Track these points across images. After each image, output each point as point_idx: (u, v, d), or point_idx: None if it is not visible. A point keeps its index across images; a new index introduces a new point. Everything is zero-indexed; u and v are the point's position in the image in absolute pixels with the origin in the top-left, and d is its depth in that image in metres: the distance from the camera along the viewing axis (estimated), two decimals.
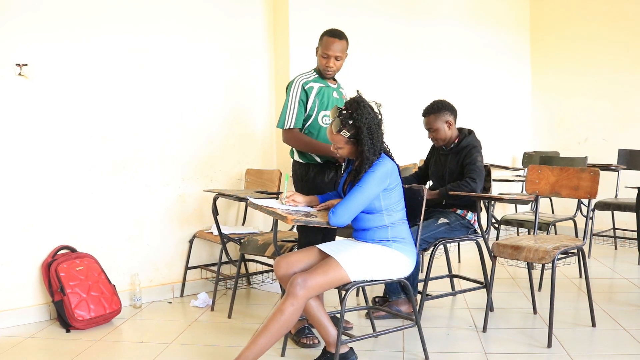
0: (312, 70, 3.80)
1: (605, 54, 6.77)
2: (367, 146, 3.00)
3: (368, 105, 3.06)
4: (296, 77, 3.76)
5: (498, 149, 6.90)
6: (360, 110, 3.01)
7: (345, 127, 3.03)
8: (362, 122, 3.00)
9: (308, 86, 3.70)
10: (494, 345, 3.53)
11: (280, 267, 3.07)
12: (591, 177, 3.83)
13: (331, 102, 3.74)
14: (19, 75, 3.98)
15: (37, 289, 4.11)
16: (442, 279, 4.57)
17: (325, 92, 3.73)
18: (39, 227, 4.10)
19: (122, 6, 4.39)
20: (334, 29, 3.74)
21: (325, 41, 3.69)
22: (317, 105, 3.70)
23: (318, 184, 3.68)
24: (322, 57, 3.70)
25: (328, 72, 3.72)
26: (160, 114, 4.61)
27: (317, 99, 3.70)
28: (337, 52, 3.66)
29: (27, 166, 4.04)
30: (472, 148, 4.03)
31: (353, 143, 3.07)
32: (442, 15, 6.50)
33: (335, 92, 3.80)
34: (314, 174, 3.71)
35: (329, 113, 3.70)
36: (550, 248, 3.50)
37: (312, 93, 3.69)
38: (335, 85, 3.85)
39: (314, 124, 3.72)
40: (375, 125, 3.04)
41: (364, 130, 3.00)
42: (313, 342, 3.54)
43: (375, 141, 3.02)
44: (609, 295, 4.52)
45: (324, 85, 3.75)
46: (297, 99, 3.68)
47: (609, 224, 6.32)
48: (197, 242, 4.80)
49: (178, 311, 4.38)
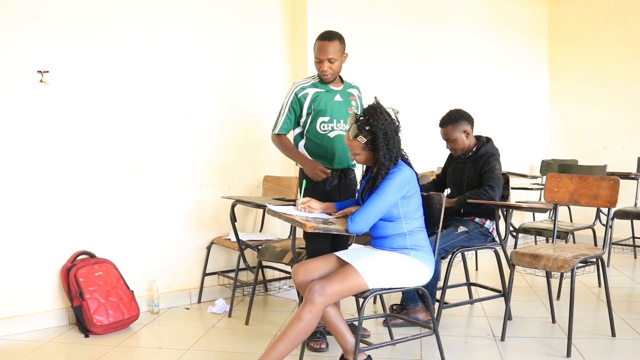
0: (316, 75, 3.74)
1: (624, 61, 6.71)
2: (382, 152, 3.01)
3: (385, 111, 3.07)
4: (294, 83, 3.74)
5: (516, 156, 6.87)
6: (376, 116, 3.02)
7: (361, 133, 3.04)
8: (379, 128, 3.01)
9: (302, 93, 3.66)
10: (512, 354, 3.51)
11: (298, 274, 3.07)
12: (611, 185, 3.81)
13: (330, 108, 3.67)
14: (40, 82, 4.03)
15: (56, 293, 4.15)
16: (460, 287, 4.55)
17: (322, 97, 3.66)
18: (58, 232, 4.14)
19: (139, 14, 4.43)
20: (326, 31, 3.66)
21: (316, 46, 3.61)
22: (314, 112, 3.65)
23: (319, 192, 3.61)
24: (315, 62, 3.64)
25: (325, 77, 3.63)
26: (177, 120, 4.64)
27: (313, 106, 3.65)
28: (329, 55, 3.56)
29: (47, 171, 4.09)
30: (490, 156, 4.02)
31: (370, 149, 3.07)
32: (459, 23, 6.49)
33: (338, 95, 3.71)
34: (314, 182, 3.63)
35: (327, 119, 3.66)
36: (569, 257, 3.47)
37: (307, 100, 3.65)
38: (340, 87, 3.75)
39: (313, 130, 3.68)
40: (391, 131, 3.04)
41: (379, 136, 3.00)
42: (320, 347, 3.56)
43: (391, 147, 3.02)
44: (629, 305, 4.48)
45: (323, 91, 3.67)
46: (287, 106, 3.69)
47: (629, 233, 6.25)
48: (214, 249, 4.82)
49: (195, 317, 4.40)
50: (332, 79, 3.68)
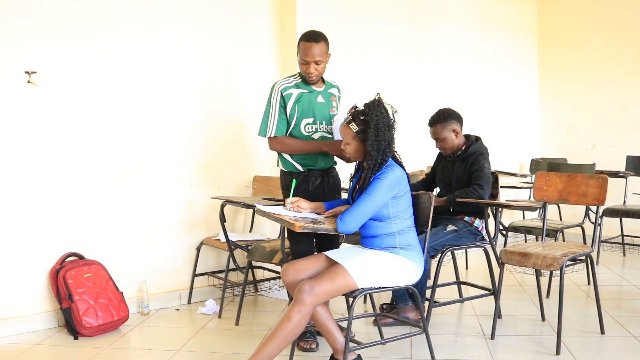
0: (297, 74, 3.67)
1: (613, 60, 6.75)
2: (370, 141, 3.01)
3: (383, 106, 3.08)
4: (276, 83, 3.63)
5: (505, 155, 6.89)
6: (373, 109, 3.05)
7: (355, 122, 3.07)
8: (371, 119, 3.03)
9: (286, 92, 3.58)
10: (502, 352, 3.51)
11: (287, 274, 3.07)
12: (599, 183, 3.82)
13: (313, 109, 3.62)
14: (28, 82, 4.00)
15: (45, 296, 4.12)
16: (449, 285, 4.56)
17: (306, 98, 3.60)
18: (47, 233, 4.12)
19: (129, 14, 4.41)
20: (310, 31, 3.59)
21: (302, 47, 3.51)
22: (297, 112, 3.58)
23: (302, 192, 3.56)
24: (301, 63, 3.55)
25: (311, 79, 3.57)
26: (167, 121, 4.62)
27: (297, 107, 3.57)
28: (316, 57, 3.49)
29: (35, 173, 4.06)
30: (480, 155, 4.03)
31: (360, 140, 3.08)
32: (450, 22, 6.50)
33: (320, 97, 3.65)
34: (297, 182, 3.58)
35: (311, 121, 3.62)
36: (558, 255, 3.49)
37: (291, 100, 3.57)
38: (322, 88, 3.69)
39: (296, 132, 3.61)
40: (384, 124, 3.04)
41: (371, 126, 3.02)
42: (310, 347, 3.56)
43: (380, 139, 3.02)
44: (618, 303, 4.50)
45: (306, 91, 3.61)
46: (277, 106, 3.58)
47: (617, 231, 6.29)
48: (204, 249, 4.81)
49: (185, 318, 4.39)
50: (317, 81, 3.62)
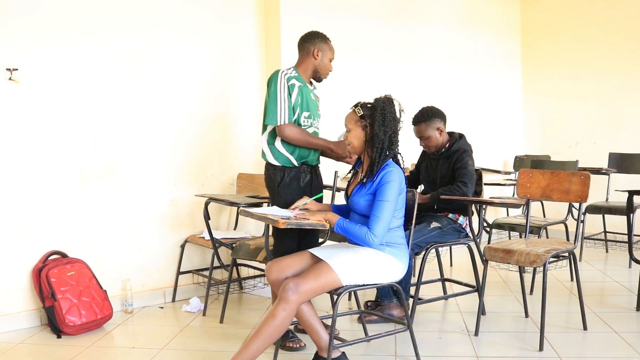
0: (292, 69, 3.65)
1: (596, 57, 6.80)
2: (377, 124, 3.03)
3: (392, 100, 3.12)
4: (279, 71, 3.58)
5: (489, 152, 6.92)
6: (382, 100, 3.08)
7: (360, 106, 3.10)
8: (378, 104, 3.06)
9: (291, 82, 3.55)
10: (485, 349, 3.53)
11: (272, 272, 3.06)
12: (582, 180, 3.85)
13: (309, 103, 3.63)
14: (9, 79, 3.96)
15: (28, 294, 4.09)
16: (434, 282, 4.58)
17: (305, 92, 3.62)
18: (29, 232, 4.08)
19: (112, 12, 4.38)
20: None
21: (332, 47, 3.70)
22: (300, 104, 3.57)
23: (294, 189, 3.58)
24: (328, 62, 3.69)
25: (325, 77, 3.73)
26: (151, 119, 4.60)
27: (299, 98, 3.57)
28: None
29: (17, 170, 4.03)
30: (463, 152, 4.04)
31: (362, 127, 3.09)
32: (433, 20, 6.51)
33: (312, 94, 3.70)
34: (289, 178, 3.60)
35: (308, 114, 3.63)
36: (541, 252, 3.51)
37: (295, 90, 3.55)
38: (312, 87, 3.75)
39: (298, 123, 3.60)
40: (390, 112, 3.06)
41: (378, 110, 3.04)
42: (299, 346, 3.56)
43: (387, 124, 3.04)
44: (600, 299, 4.53)
45: (303, 85, 3.63)
46: (285, 93, 3.50)
47: (600, 228, 6.35)
48: (188, 247, 4.79)
49: (170, 316, 4.37)
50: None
